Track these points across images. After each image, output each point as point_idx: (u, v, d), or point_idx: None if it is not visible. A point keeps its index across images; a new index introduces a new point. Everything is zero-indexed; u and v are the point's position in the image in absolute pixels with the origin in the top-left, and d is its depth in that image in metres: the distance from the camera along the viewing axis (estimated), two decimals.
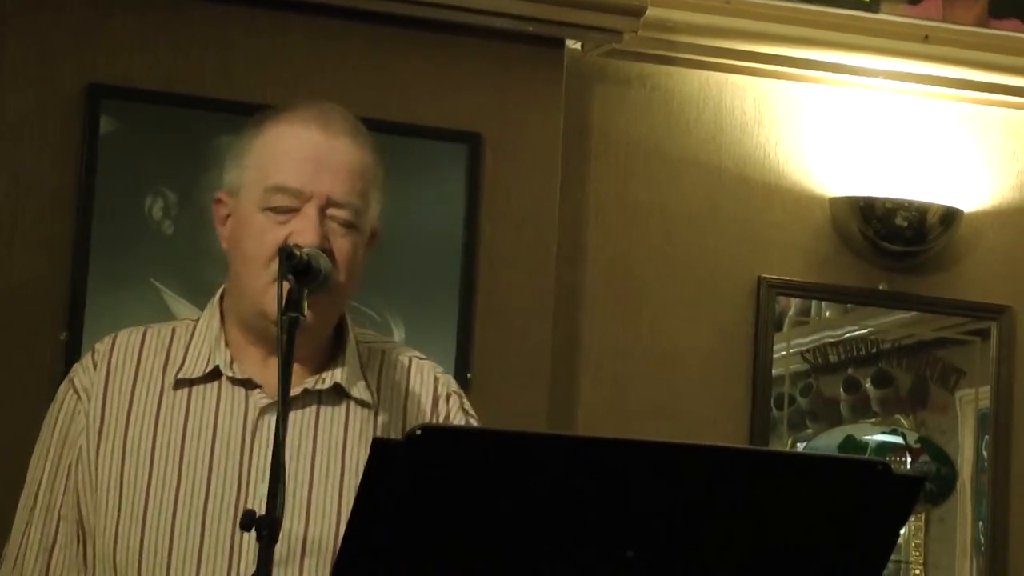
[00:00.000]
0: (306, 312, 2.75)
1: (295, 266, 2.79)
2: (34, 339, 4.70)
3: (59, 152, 4.77)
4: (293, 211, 2.91)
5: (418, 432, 2.35)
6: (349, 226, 2.93)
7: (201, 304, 4.65)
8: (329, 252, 2.88)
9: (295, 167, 2.93)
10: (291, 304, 2.74)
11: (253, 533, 2.54)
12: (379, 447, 2.38)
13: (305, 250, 2.81)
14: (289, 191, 2.91)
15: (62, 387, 3.04)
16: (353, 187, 2.94)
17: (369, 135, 2.99)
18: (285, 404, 2.64)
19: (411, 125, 4.93)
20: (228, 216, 3.00)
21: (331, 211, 2.92)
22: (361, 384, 3.02)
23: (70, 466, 2.98)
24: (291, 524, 2.86)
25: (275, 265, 2.81)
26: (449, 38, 5.03)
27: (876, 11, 5.46)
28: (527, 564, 2.44)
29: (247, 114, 4.63)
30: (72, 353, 4.66)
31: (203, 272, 4.75)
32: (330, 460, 2.95)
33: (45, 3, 4.78)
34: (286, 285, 2.73)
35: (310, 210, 2.90)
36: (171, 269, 4.76)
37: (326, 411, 2.98)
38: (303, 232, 2.88)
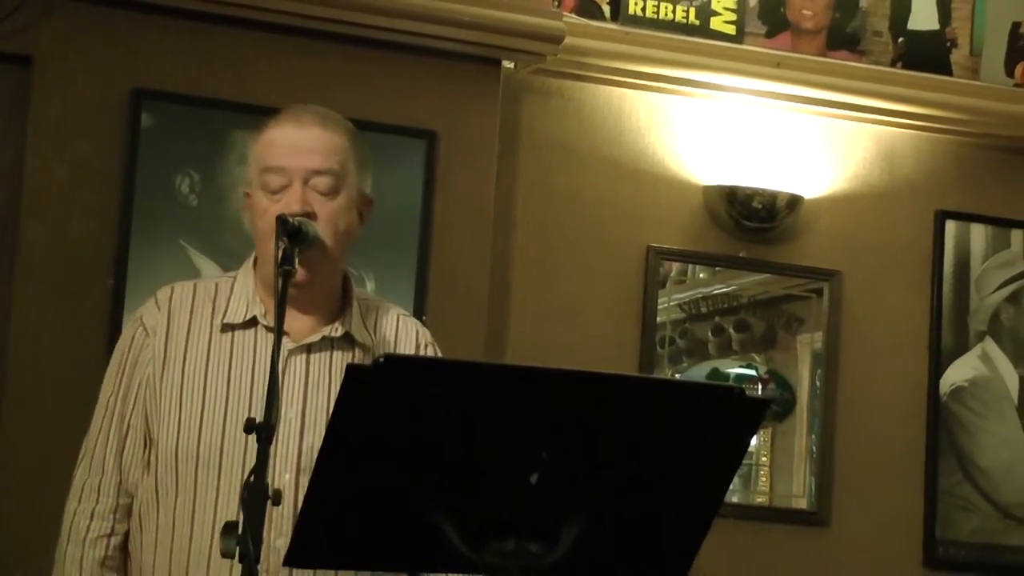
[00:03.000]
0: (297, 266, 2.79)
1: (288, 230, 2.83)
2: (88, 285, 4.68)
3: (109, 141, 4.75)
4: (283, 189, 2.95)
5: (382, 360, 2.36)
6: (330, 192, 2.98)
7: (219, 260, 4.70)
8: (313, 215, 2.93)
9: (278, 152, 3.00)
10: (285, 259, 2.78)
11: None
12: (352, 371, 2.38)
13: (296, 218, 2.86)
14: (275, 169, 2.97)
15: (131, 324, 3.07)
16: (326, 159, 3.00)
17: (342, 123, 3.06)
18: (279, 331, 2.67)
19: (381, 124, 4.91)
20: (252, 206, 3.06)
21: (312, 181, 2.97)
22: (364, 333, 3.06)
23: (139, 386, 3.00)
24: (312, 440, 2.91)
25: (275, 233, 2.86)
26: (411, 57, 5.01)
27: (740, 42, 5.47)
28: (469, 462, 2.44)
29: (255, 113, 4.63)
30: (118, 296, 4.65)
31: (220, 235, 4.74)
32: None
33: (100, 25, 4.75)
34: (281, 245, 2.79)
35: (295, 185, 2.96)
36: (195, 232, 4.74)
37: (337, 354, 3.03)
38: (289, 203, 2.94)
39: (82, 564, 2.98)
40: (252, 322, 2.99)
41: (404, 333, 3.14)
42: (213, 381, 2.95)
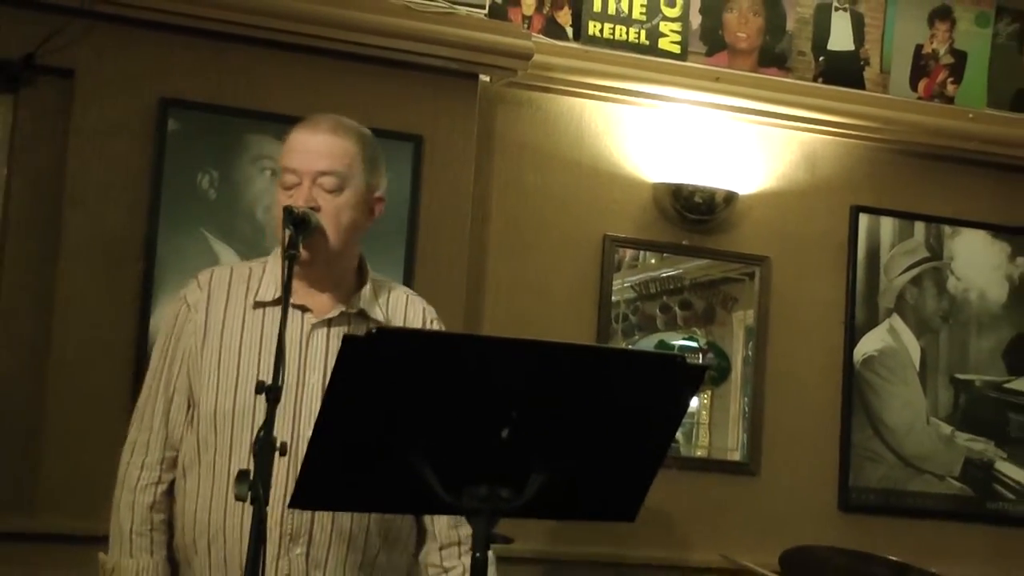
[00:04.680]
0: (301, 251, 2.80)
1: (293, 220, 2.83)
2: (121, 267, 4.66)
3: (140, 143, 4.72)
4: (296, 186, 2.96)
5: (374, 331, 2.35)
6: (334, 190, 2.98)
7: (233, 245, 4.69)
8: (317, 208, 2.93)
9: (293, 155, 3.01)
10: (291, 245, 2.79)
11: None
12: (348, 340, 2.36)
13: (300, 209, 2.86)
14: (290, 169, 2.98)
15: (176, 302, 3.08)
16: (332, 163, 3.00)
17: (354, 131, 3.07)
18: (286, 306, 2.68)
19: (375, 128, 4.70)
20: None
21: (319, 180, 2.96)
22: (377, 309, 3.07)
23: (183, 355, 3.00)
24: None
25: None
26: (402, 71, 5.00)
27: (684, 60, 5.46)
28: (449, 419, 2.44)
29: (267, 119, 4.60)
30: (147, 276, 4.64)
31: (235, 224, 4.72)
32: None
33: (132, 43, 4.73)
34: (287, 232, 2.81)
35: (304, 183, 2.96)
36: (214, 222, 4.71)
37: (354, 327, 3.04)
38: (297, 198, 2.94)
39: (134, 508, 3.00)
40: (280, 300, 3.00)
41: (412, 310, 3.15)
42: (247, 351, 2.97)
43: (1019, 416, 5.83)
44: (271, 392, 2.53)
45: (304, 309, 2.99)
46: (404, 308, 3.13)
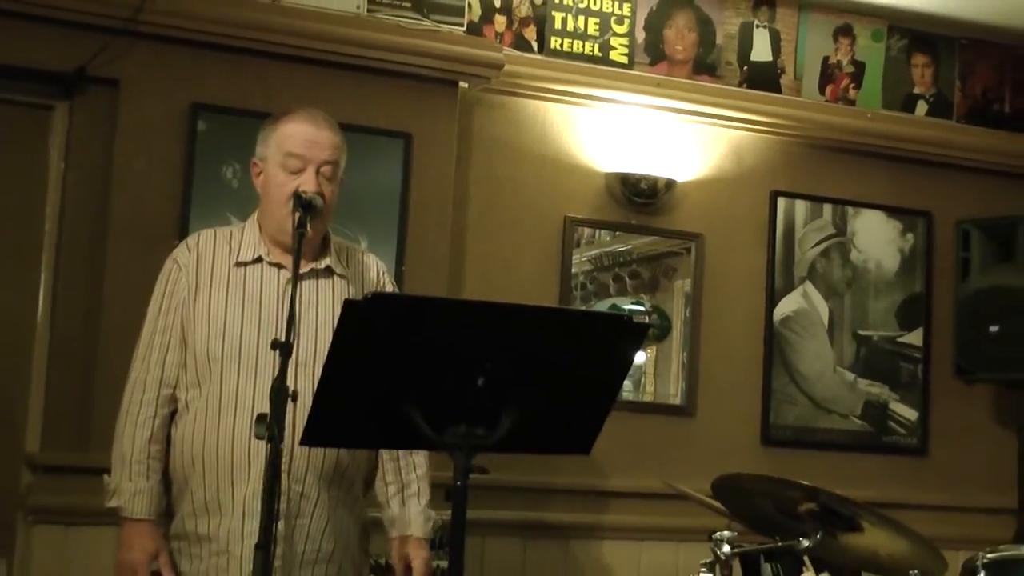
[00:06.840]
0: (308, 229, 2.81)
1: (303, 204, 2.83)
2: (160, 246, 4.57)
3: (174, 141, 4.70)
4: (300, 171, 2.95)
5: (370, 295, 2.34)
6: (331, 178, 2.99)
7: None
8: (321, 194, 2.93)
9: (300, 143, 3.00)
10: (300, 224, 2.79)
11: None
12: (348, 304, 2.36)
13: (308, 194, 2.86)
14: (297, 156, 2.97)
15: (168, 263, 3.13)
16: (333, 155, 3.01)
17: (338, 127, 3.08)
18: (296, 276, 2.68)
19: (372, 127, 4.89)
20: (260, 174, 3.07)
21: (322, 169, 2.96)
22: (340, 267, 3.09)
23: (176, 307, 3.03)
24: (307, 344, 2.94)
25: (292, 203, 2.88)
26: (394, 79, 4.98)
27: (631, 68, 5.46)
28: (434, 369, 2.43)
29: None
30: None
31: (253, 208, 4.69)
32: (328, 308, 3.02)
33: (168, 57, 4.70)
34: (297, 214, 2.81)
35: (311, 170, 2.96)
36: (237, 207, 4.68)
37: (323, 281, 3.09)
38: (307, 183, 2.94)
39: (135, 439, 3.03)
40: (258, 260, 3.04)
41: (367, 265, 3.23)
42: (232, 303, 3.00)
43: (908, 364, 5.87)
44: (284, 348, 2.54)
45: (280, 267, 3.03)
46: (361, 263, 3.19)
